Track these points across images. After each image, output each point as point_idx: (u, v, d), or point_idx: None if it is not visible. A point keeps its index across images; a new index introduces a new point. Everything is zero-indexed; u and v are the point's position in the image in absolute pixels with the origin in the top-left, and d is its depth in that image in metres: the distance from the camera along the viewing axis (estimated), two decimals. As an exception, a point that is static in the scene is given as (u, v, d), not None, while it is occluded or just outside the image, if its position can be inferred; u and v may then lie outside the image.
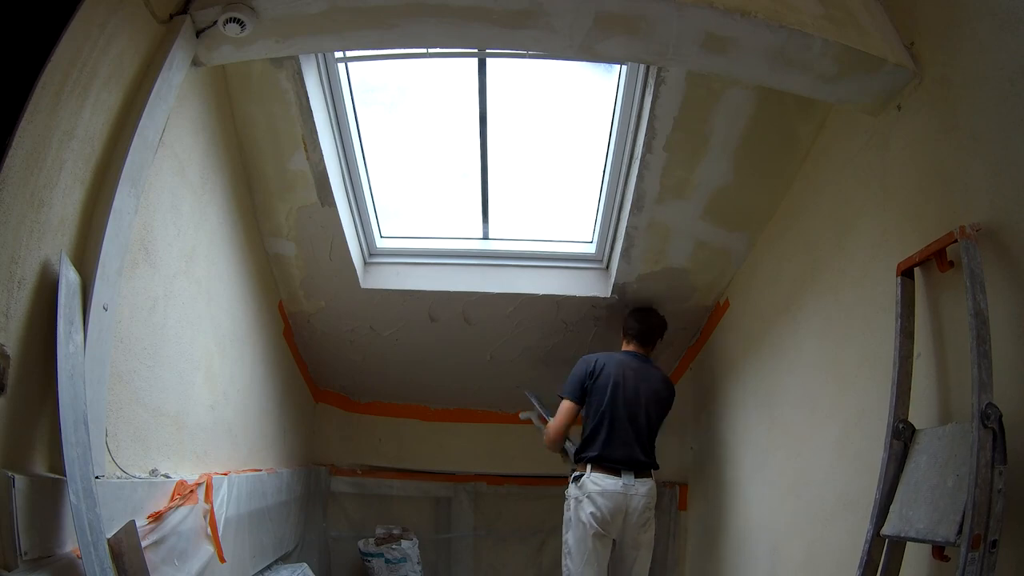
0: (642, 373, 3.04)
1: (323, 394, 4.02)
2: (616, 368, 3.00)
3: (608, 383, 2.96)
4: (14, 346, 1.37)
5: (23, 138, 1.38)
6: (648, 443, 2.97)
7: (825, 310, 2.37)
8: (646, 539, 2.89)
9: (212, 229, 2.44)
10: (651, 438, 2.99)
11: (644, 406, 2.97)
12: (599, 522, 2.81)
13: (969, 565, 1.33)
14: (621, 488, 2.83)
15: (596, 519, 2.81)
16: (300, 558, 3.51)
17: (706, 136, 2.60)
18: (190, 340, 2.25)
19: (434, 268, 3.39)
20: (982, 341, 1.47)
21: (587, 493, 2.85)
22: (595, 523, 2.81)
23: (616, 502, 2.82)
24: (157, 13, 1.82)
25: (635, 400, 2.96)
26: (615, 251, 3.21)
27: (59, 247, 1.52)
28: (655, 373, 3.12)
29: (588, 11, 1.93)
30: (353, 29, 2.02)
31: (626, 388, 2.96)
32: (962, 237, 1.59)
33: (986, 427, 1.40)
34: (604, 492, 2.82)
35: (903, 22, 2.01)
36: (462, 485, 4.10)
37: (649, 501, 2.88)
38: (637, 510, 2.84)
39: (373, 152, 3.05)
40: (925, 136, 1.89)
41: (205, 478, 2.17)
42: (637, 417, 2.94)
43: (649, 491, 2.89)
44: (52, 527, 1.41)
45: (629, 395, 2.95)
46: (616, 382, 2.96)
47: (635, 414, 2.94)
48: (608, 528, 2.83)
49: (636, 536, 2.86)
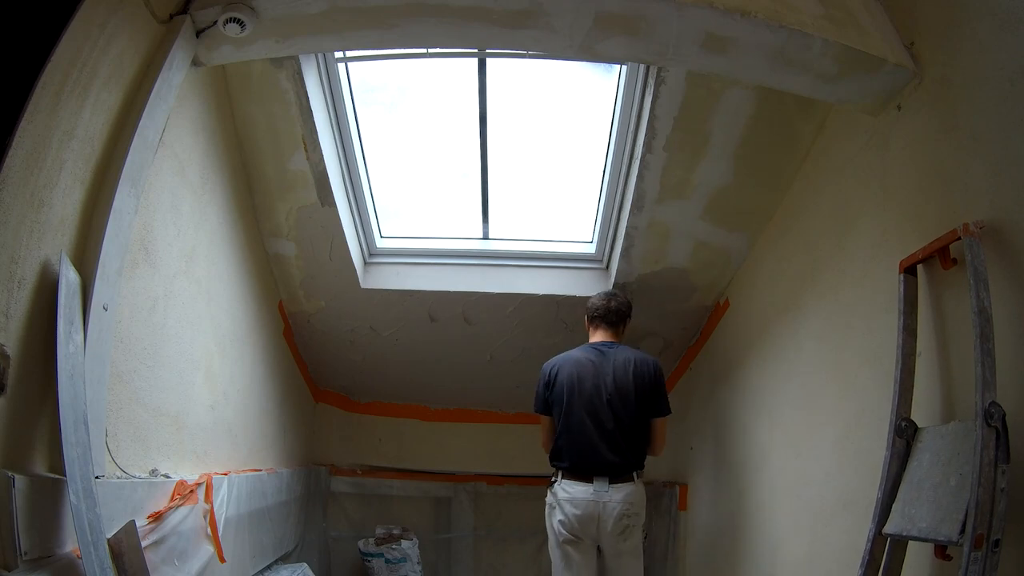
0: (602, 366, 2.79)
1: (323, 394, 4.02)
2: (571, 369, 2.81)
3: (563, 390, 2.79)
4: (14, 346, 1.36)
5: (23, 138, 1.37)
6: (623, 441, 2.72)
7: (825, 310, 2.37)
8: (628, 547, 2.70)
9: (212, 229, 2.43)
10: (627, 435, 2.73)
11: (608, 403, 2.73)
12: (568, 529, 2.69)
13: (972, 564, 1.33)
14: (592, 495, 2.66)
15: (564, 526, 2.69)
16: (300, 558, 3.51)
17: (706, 136, 2.60)
18: (190, 340, 2.24)
19: (434, 268, 3.39)
20: (985, 339, 1.47)
21: (558, 500, 2.73)
22: (564, 530, 2.70)
23: (586, 509, 2.66)
24: (157, 13, 1.82)
25: (595, 399, 2.74)
26: (615, 251, 3.21)
27: (59, 247, 1.52)
28: (622, 357, 2.81)
29: (588, 11, 1.93)
30: (353, 29, 2.02)
31: (583, 390, 2.76)
32: (966, 234, 1.59)
33: (989, 426, 1.40)
34: (573, 499, 2.68)
35: (903, 22, 2.01)
36: (462, 485, 4.10)
37: (627, 508, 2.66)
38: (612, 517, 2.64)
39: (373, 152, 3.05)
40: (925, 136, 1.89)
41: (205, 478, 2.16)
42: (600, 417, 2.72)
43: (627, 497, 2.66)
44: (52, 527, 1.41)
45: (587, 396, 2.75)
46: (571, 386, 2.77)
47: (597, 414, 2.73)
48: (581, 535, 2.69)
49: (615, 544, 2.68)
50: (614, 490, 2.66)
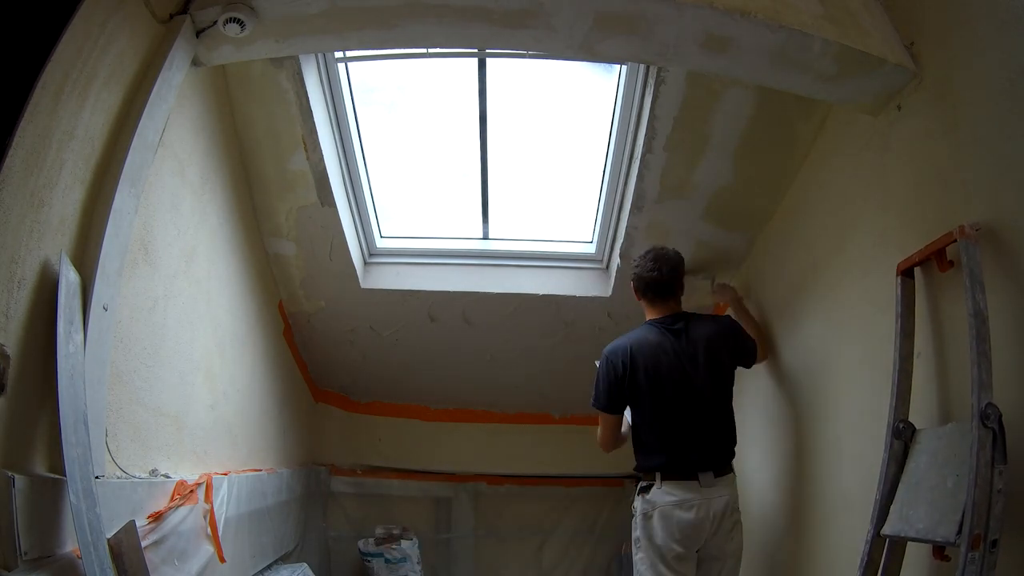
0: (679, 345, 2.42)
1: (323, 394, 4.02)
2: (651, 356, 2.40)
3: (647, 383, 2.38)
4: (14, 346, 1.37)
5: (23, 138, 1.38)
6: (722, 426, 2.41)
7: (825, 310, 2.37)
8: (734, 547, 2.34)
9: (212, 229, 2.44)
10: (725, 417, 2.43)
11: (700, 388, 2.37)
12: (678, 541, 2.25)
13: (969, 565, 1.33)
14: (702, 495, 2.27)
15: (674, 538, 2.25)
16: (300, 558, 3.51)
17: (706, 136, 2.60)
18: (190, 340, 2.25)
19: (434, 268, 3.39)
20: (982, 341, 1.47)
21: (658, 508, 2.28)
22: (673, 543, 2.25)
23: (699, 513, 2.26)
24: (157, 13, 1.82)
25: (686, 387, 2.37)
26: (615, 251, 3.21)
27: (59, 247, 1.52)
28: (696, 329, 2.46)
29: (588, 11, 1.93)
30: (353, 29, 2.02)
31: (673, 380, 2.37)
32: (961, 237, 1.59)
33: (986, 427, 1.40)
34: (683, 503, 2.26)
35: (903, 22, 2.01)
36: (462, 485, 4.09)
37: (732, 499, 2.34)
38: (723, 514, 2.29)
39: (373, 152, 3.05)
40: (925, 136, 1.89)
41: (205, 478, 2.17)
42: (697, 405, 2.36)
43: (730, 487, 2.36)
44: (52, 527, 1.41)
45: (678, 385, 2.37)
46: (654, 380, 2.38)
47: (693, 403, 2.36)
48: (691, 544, 2.28)
49: (723, 546, 2.30)
50: (721, 484, 2.32)
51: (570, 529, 4.14)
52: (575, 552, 4.14)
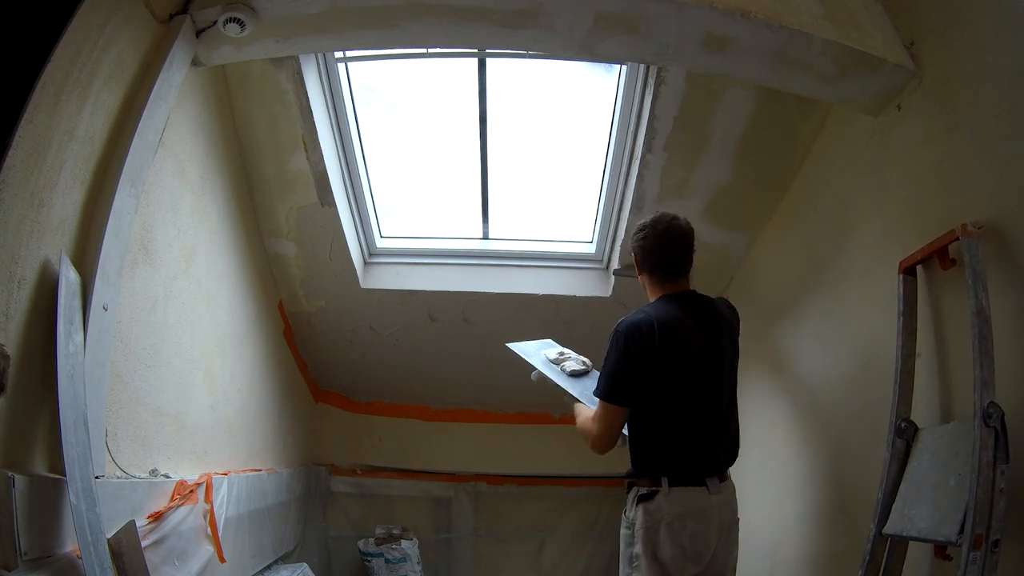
0: (704, 322, 1.98)
1: (323, 394, 4.01)
2: (678, 337, 1.90)
3: (673, 367, 1.89)
4: (14, 346, 1.36)
5: (23, 138, 1.37)
6: (735, 426, 2.04)
7: (825, 310, 2.37)
8: (733, 559, 1.99)
9: (212, 229, 2.43)
10: (736, 415, 2.06)
11: (724, 380, 1.98)
12: (689, 555, 1.85)
13: (971, 564, 1.34)
14: (711, 502, 1.88)
15: (687, 553, 1.85)
16: (300, 558, 3.51)
17: (706, 136, 2.60)
18: (190, 340, 2.24)
19: (434, 268, 3.39)
20: (984, 339, 1.47)
21: (665, 518, 1.86)
22: (684, 559, 1.85)
23: (711, 522, 1.88)
24: (157, 13, 1.82)
25: (712, 377, 1.95)
26: (615, 251, 3.21)
27: (59, 247, 1.51)
28: (716, 313, 2.04)
29: (588, 11, 1.93)
30: (353, 29, 2.02)
31: (699, 368, 1.92)
32: (964, 235, 1.59)
33: (988, 426, 1.40)
34: (692, 513, 1.87)
35: (903, 22, 2.01)
36: (462, 485, 4.09)
37: (735, 507, 1.99)
38: (729, 524, 1.94)
39: (373, 152, 3.05)
40: (925, 136, 1.89)
41: (205, 478, 2.16)
42: (718, 400, 1.96)
43: (733, 493, 1.99)
44: (52, 527, 1.41)
45: (703, 374, 1.93)
46: (683, 364, 1.90)
47: (715, 397, 1.95)
48: (701, 561, 1.87)
49: (726, 558, 1.94)
50: (726, 491, 1.95)
51: (570, 529, 4.14)
52: (575, 552, 4.13)
